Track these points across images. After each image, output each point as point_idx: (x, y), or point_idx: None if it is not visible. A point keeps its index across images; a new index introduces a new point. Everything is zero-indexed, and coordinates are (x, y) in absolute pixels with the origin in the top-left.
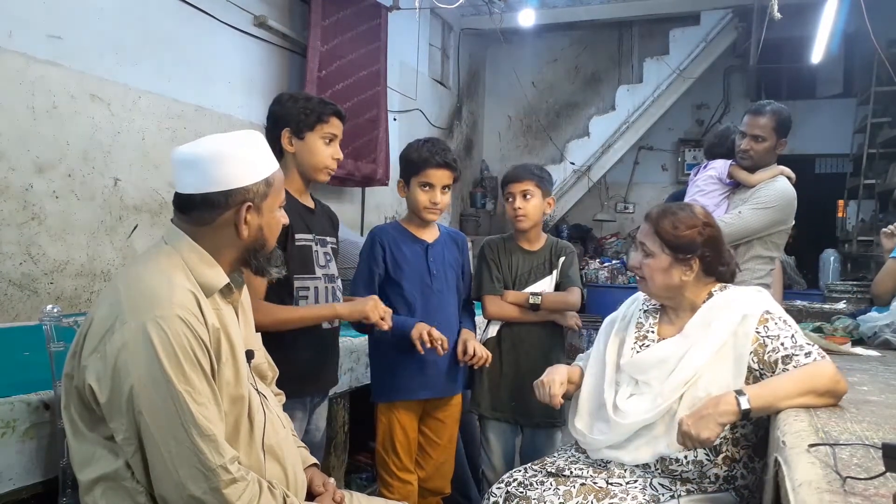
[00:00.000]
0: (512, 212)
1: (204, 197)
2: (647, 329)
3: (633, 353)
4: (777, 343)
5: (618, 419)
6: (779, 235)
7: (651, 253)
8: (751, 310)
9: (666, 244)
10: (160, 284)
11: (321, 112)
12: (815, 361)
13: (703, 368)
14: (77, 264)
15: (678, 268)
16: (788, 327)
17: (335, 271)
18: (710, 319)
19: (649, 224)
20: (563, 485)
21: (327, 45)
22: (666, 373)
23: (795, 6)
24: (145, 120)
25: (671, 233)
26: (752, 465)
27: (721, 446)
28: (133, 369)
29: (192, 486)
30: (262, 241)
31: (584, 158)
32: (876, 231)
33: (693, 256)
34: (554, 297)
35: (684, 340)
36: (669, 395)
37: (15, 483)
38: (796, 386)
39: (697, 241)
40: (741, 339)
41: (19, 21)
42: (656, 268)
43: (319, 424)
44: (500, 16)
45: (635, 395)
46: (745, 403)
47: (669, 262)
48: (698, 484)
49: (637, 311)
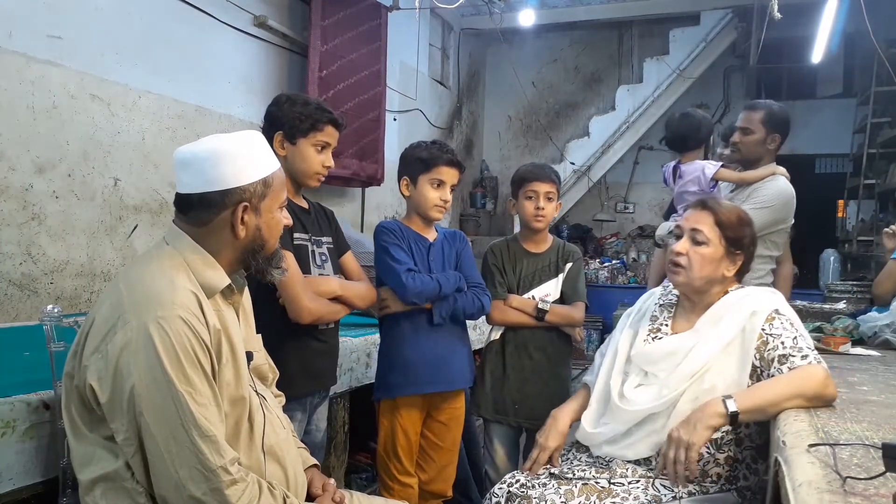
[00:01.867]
0: (533, 211)
1: (201, 197)
2: (662, 322)
3: (646, 343)
4: (777, 342)
5: (622, 405)
6: (778, 234)
7: (705, 241)
8: (761, 307)
9: (725, 235)
10: (162, 285)
11: (317, 119)
12: (808, 365)
13: (711, 363)
14: (77, 264)
15: (726, 260)
16: (794, 329)
17: (331, 272)
18: (721, 315)
19: (708, 212)
20: (565, 485)
21: (328, 45)
22: (673, 365)
23: (795, 6)
24: (145, 120)
25: (735, 226)
26: (756, 466)
27: (723, 446)
28: (134, 369)
29: (192, 486)
30: (261, 242)
31: (584, 158)
32: (876, 231)
33: (741, 253)
34: (560, 311)
35: (694, 335)
36: (675, 386)
37: (15, 483)
38: (784, 389)
39: (748, 238)
40: (749, 336)
41: (19, 21)
42: (709, 257)
43: (320, 425)
44: (500, 16)
45: (643, 386)
46: (731, 406)
47: (723, 254)
48: (700, 484)
49: (653, 305)
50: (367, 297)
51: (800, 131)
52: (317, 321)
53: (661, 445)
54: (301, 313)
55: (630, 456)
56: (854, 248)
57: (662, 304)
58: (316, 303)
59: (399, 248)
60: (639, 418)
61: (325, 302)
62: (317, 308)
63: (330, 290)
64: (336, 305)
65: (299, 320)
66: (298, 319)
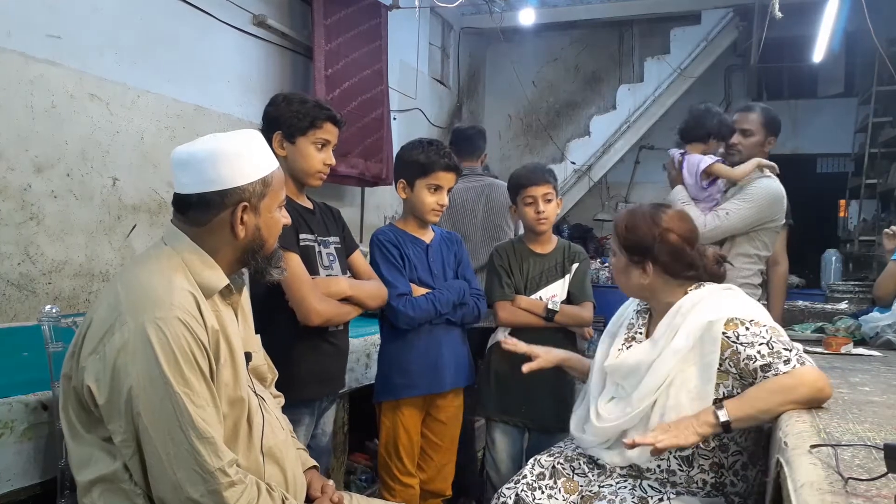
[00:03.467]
0: (534, 216)
1: (200, 197)
2: (637, 330)
3: (619, 353)
4: (752, 350)
5: (596, 423)
6: (767, 233)
7: (613, 252)
8: (715, 315)
9: (621, 245)
10: (160, 286)
11: (315, 117)
12: (794, 369)
13: (672, 375)
14: (75, 264)
15: (634, 269)
16: (763, 329)
17: (339, 272)
18: (677, 324)
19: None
20: (563, 483)
21: (331, 43)
22: (637, 379)
23: (796, 5)
24: (144, 119)
25: (623, 234)
26: (745, 472)
27: (694, 456)
28: (132, 371)
29: (190, 488)
30: (261, 242)
31: (585, 158)
32: (878, 231)
33: (646, 260)
34: (570, 311)
35: (653, 346)
36: (639, 403)
37: (13, 484)
38: (775, 397)
39: (650, 244)
40: (708, 346)
41: (18, 20)
42: (616, 267)
43: (326, 429)
44: (500, 15)
45: (615, 399)
46: (723, 416)
47: (625, 263)
48: (686, 488)
49: (631, 312)
50: (379, 296)
51: (801, 131)
52: (326, 323)
53: (632, 460)
54: (310, 315)
55: (608, 464)
56: (856, 248)
57: (638, 311)
58: (325, 304)
59: (392, 267)
60: (612, 434)
61: (335, 303)
62: (326, 309)
63: (340, 290)
64: (346, 306)
65: (308, 322)
66: (307, 322)
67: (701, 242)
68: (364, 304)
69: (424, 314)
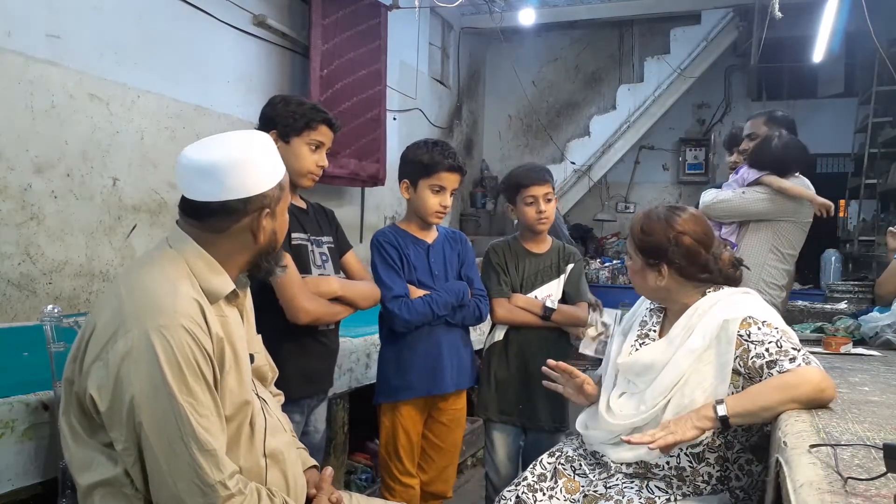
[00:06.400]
0: (535, 216)
1: (223, 205)
2: (650, 328)
3: (633, 350)
4: (762, 349)
5: (608, 418)
6: (792, 231)
7: (629, 255)
8: (732, 314)
9: (636, 247)
10: (164, 292)
11: (310, 118)
12: (798, 367)
13: (687, 375)
14: (76, 264)
15: (650, 272)
16: (774, 331)
17: (332, 272)
18: (693, 324)
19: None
20: (563, 483)
21: (328, 43)
22: (651, 378)
23: (796, 5)
24: (144, 119)
25: (639, 236)
26: (749, 467)
27: (704, 452)
28: (135, 380)
29: (189, 500)
30: (275, 244)
31: (585, 158)
32: (877, 231)
33: (661, 262)
34: (567, 311)
35: (669, 346)
36: (652, 401)
37: (14, 484)
38: (776, 394)
39: (665, 247)
40: (724, 346)
41: (18, 20)
42: (632, 270)
43: (318, 426)
44: (500, 15)
45: (626, 395)
46: (721, 410)
47: (641, 266)
48: (692, 483)
49: (644, 310)
50: (371, 296)
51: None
52: (315, 322)
53: (642, 456)
54: (298, 314)
55: (616, 460)
56: (855, 248)
57: (652, 309)
58: (314, 303)
59: (389, 268)
60: (623, 431)
61: (324, 302)
62: (315, 308)
63: (330, 290)
64: (336, 306)
65: (297, 321)
66: (296, 320)
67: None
68: (355, 304)
69: (420, 317)
